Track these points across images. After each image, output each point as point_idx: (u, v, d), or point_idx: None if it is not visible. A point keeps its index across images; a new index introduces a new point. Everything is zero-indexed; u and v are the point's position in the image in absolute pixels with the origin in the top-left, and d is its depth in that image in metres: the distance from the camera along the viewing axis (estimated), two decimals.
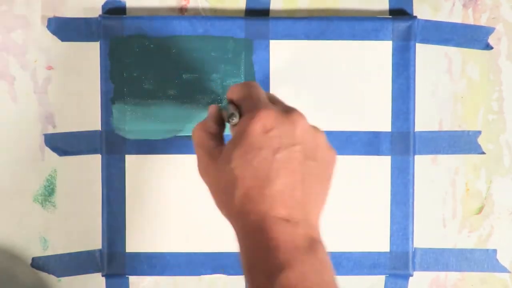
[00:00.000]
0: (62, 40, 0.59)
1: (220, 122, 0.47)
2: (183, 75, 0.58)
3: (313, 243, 0.42)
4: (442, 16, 0.60)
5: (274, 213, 0.42)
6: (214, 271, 0.59)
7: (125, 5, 0.59)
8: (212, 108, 0.48)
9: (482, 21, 0.60)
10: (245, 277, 0.42)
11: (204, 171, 0.46)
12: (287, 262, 0.41)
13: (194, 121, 0.58)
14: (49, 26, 0.58)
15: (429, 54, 0.60)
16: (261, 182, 0.42)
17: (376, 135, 0.59)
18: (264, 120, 0.43)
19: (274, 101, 0.47)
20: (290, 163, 0.43)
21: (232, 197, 0.43)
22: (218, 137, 0.46)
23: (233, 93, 0.47)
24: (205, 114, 0.58)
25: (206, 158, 0.46)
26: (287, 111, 0.44)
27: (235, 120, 0.45)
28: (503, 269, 0.60)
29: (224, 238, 0.59)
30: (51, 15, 0.58)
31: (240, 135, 0.43)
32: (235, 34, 0.58)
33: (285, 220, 0.42)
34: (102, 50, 0.58)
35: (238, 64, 0.58)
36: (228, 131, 0.47)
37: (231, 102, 0.47)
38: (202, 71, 0.58)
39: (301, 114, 0.44)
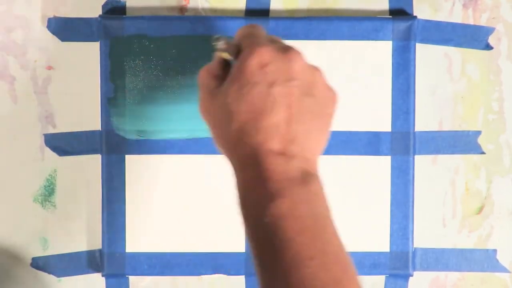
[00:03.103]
0: (62, 40, 0.59)
1: (225, 66, 0.47)
2: (183, 75, 0.58)
3: (308, 177, 0.42)
4: (442, 16, 0.60)
5: (268, 145, 0.42)
6: (214, 271, 0.59)
7: (125, 5, 0.59)
8: (218, 52, 0.48)
9: (482, 21, 0.60)
10: (239, 210, 0.43)
11: (204, 108, 0.47)
12: (278, 192, 0.41)
13: (195, 120, 0.58)
14: (49, 26, 0.58)
15: (429, 54, 0.60)
16: (255, 115, 0.42)
17: (376, 135, 0.59)
18: (260, 55, 0.43)
19: (274, 41, 0.47)
20: (286, 97, 0.43)
21: (228, 131, 0.43)
22: (222, 79, 0.46)
23: (236, 33, 0.48)
24: None
25: (206, 96, 0.46)
26: (285, 48, 0.44)
27: (221, 44, 0.45)
28: (503, 269, 0.60)
29: (224, 238, 0.59)
30: (51, 15, 0.58)
31: (237, 71, 0.44)
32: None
33: (280, 153, 0.42)
34: (102, 50, 0.58)
35: None
36: None
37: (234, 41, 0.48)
38: None
39: (298, 52, 0.44)
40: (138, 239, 0.59)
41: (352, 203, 0.59)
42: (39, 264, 0.59)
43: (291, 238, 0.40)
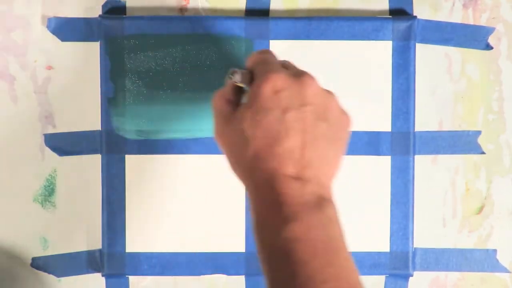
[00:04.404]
0: (62, 40, 0.59)
1: (238, 91, 0.48)
2: (183, 75, 0.58)
3: (322, 201, 0.43)
4: (442, 16, 0.60)
5: (283, 170, 0.43)
6: (214, 271, 0.59)
7: (125, 5, 0.59)
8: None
9: (482, 21, 0.60)
10: (254, 234, 0.43)
11: (219, 134, 0.47)
12: (293, 215, 0.42)
13: (195, 120, 0.58)
14: (49, 26, 0.58)
15: (429, 54, 0.60)
16: (271, 141, 0.43)
17: (376, 135, 0.59)
18: (274, 82, 0.44)
19: (287, 66, 0.47)
20: (300, 123, 0.43)
21: (243, 156, 0.44)
22: (235, 103, 0.47)
23: (248, 59, 0.48)
24: (204, 113, 0.58)
25: (221, 122, 0.47)
26: (298, 73, 0.45)
27: (237, 77, 0.46)
28: (503, 269, 0.60)
29: (224, 238, 0.59)
30: (51, 15, 0.58)
31: (252, 97, 0.44)
32: (235, 34, 0.58)
33: (294, 178, 0.43)
34: (102, 50, 0.58)
35: (238, 64, 0.58)
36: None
37: (246, 68, 0.48)
38: (202, 71, 0.58)
39: (312, 77, 0.45)
40: (138, 239, 0.59)
41: (352, 203, 0.59)
42: (39, 264, 0.59)
43: (305, 261, 0.40)
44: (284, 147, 0.43)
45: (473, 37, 0.60)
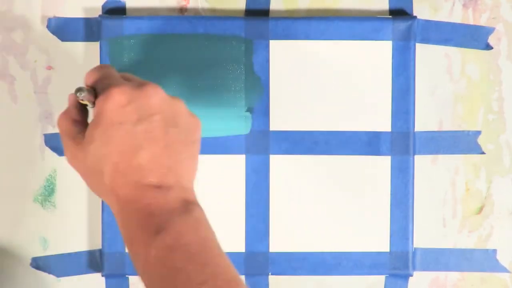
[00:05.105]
0: (62, 40, 0.59)
1: (82, 109, 0.48)
2: (183, 75, 0.58)
3: (188, 205, 0.43)
4: (442, 16, 0.60)
5: (145, 181, 0.43)
6: None
7: (125, 5, 0.59)
8: (72, 95, 0.48)
9: (482, 21, 0.60)
10: (127, 249, 0.44)
11: (71, 156, 0.46)
12: (162, 224, 0.42)
13: None
14: (49, 26, 0.58)
15: (429, 54, 0.60)
16: (126, 155, 0.43)
17: (376, 135, 0.59)
18: (117, 96, 0.44)
19: (129, 78, 0.47)
20: (152, 132, 0.43)
21: (101, 175, 0.44)
22: (82, 123, 0.47)
23: (87, 77, 0.47)
24: (204, 113, 0.58)
25: (71, 144, 0.46)
26: (141, 84, 0.45)
27: (84, 94, 0.45)
28: (503, 269, 0.60)
29: (224, 238, 0.59)
30: (51, 15, 0.58)
31: (98, 115, 0.44)
32: (235, 34, 0.58)
33: (157, 186, 0.43)
34: (102, 50, 0.58)
35: (238, 64, 0.58)
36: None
37: (87, 86, 0.47)
38: (201, 71, 0.58)
39: (155, 86, 0.45)
40: None
41: (352, 203, 0.59)
42: (39, 264, 0.59)
43: (181, 267, 0.41)
44: (141, 158, 0.43)
45: (473, 37, 0.60)
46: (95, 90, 0.46)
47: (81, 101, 0.46)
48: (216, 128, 0.58)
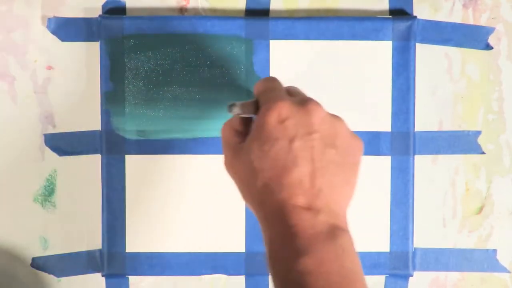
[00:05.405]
0: (62, 40, 0.59)
1: (246, 120, 0.48)
2: (183, 75, 0.58)
3: (335, 231, 0.42)
4: (442, 16, 0.60)
5: (293, 201, 0.42)
6: (214, 271, 0.59)
7: (125, 5, 0.59)
8: None
9: (482, 21, 0.60)
10: (268, 266, 0.43)
11: (229, 165, 0.47)
12: (305, 248, 0.41)
13: (195, 120, 0.58)
14: (49, 26, 0.58)
15: (429, 54, 0.60)
16: (279, 171, 0.42)
17: (376, 135, 0.59)
18: (278, 110, 0.43)
19: (293, 93, 0.47)
20: (308, 151, 0.43)
21: (253, 188, 0.43)
22: (243, 134, 0.47)
23: (254, 88, 0.48)
24: (204, 113, 0.58)
25: (230, 153, 0.46)
26: (303, 100, 0.44)
27: (236, 110, 0.45)
28: (503, 269, 0.60)
29: (224, 238, 0.59)
30: (51, 15, 0.58)
31: (257, 128, 0.44)
32: (235, 34, 0.58)
33: (305, 208, 0.42)
34: (102, 50, 0.58)
35: (238, 64, 0.58)
36: None
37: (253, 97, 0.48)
38: (201, 71, 0.58)
39: (317, 103, 0.44)
40: (138, 239, 0.59)
41: (352, 203, 0.59)
42: (39, 264, 0.59)
43: None
44: (293, 177, 0.42)
45: (473, 37, 0.60)
46: (257, 102, 0.46)
47: (230, 111, 0.45)
48: (216, 128, 0.58)
